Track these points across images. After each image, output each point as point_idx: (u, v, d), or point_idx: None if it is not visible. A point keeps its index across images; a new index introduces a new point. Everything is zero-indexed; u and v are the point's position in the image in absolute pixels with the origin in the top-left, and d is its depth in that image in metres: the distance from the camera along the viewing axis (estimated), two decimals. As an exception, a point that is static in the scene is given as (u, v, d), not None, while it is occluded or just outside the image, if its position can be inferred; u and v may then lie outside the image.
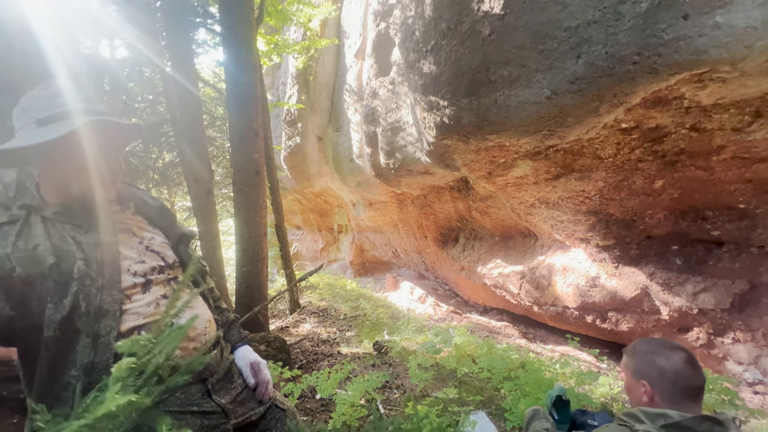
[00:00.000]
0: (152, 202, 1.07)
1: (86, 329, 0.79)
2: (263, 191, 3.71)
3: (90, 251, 0.84)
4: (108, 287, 0.83)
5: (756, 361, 2.97)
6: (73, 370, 0.77)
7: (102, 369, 0.78)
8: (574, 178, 3.40)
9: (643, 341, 1.04)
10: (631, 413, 0.95)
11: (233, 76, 3.35)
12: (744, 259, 2.98)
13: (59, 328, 0.76)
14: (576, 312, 4.17)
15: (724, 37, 1.76)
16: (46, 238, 0.81)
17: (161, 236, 1.03)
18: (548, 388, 1.98)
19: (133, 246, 0.94)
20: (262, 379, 1.07)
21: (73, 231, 0.85)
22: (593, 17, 2.18)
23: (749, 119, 2.29)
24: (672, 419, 0.86)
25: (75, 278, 0.79)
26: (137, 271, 0.91)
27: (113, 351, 0.79)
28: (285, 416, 1.09)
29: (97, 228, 0.88)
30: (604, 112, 2.52)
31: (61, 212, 0.86)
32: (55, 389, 0.77)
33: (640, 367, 0.99)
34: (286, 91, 8.83)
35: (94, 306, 0.80)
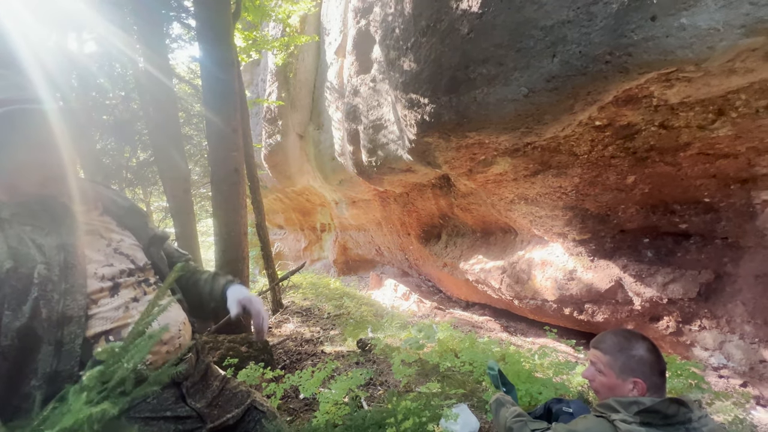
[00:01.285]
0: (122, 202, 1.02)
1: (48, 337, 0.74)
2: (243, 190, 3.64)
3: (52, 254, 0.79)
4: (72, 292, 0.78)
5: (720, 346, 3.14)
6: (34, 380, 0.73)
7: (66, 377, 0.74)
8: (551, 175, 3.49)
9: (614, 336, 1.06)
10: (605, 404, 0.99)
11: (210, 72, 3.26)
12: (709, 251, 3.14)
13: (18, 336, 0.72)
14: (554, 305, 4.29)
15: (689, 38, 1.84)
16: (2, 240, 0.75)
17: (131, 238, 0.99)
18: (527, 379, 2.04)
19: (100, 248, 0.89)
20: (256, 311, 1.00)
21: (33, 233, 0.79)
22: (567, 17, 2.23)
23: (713, 117, 2.40)
24: (644, 405, 0.91)
25: (35, 283, 0.74)
26: (104, 275, 0.86)
27: (78, 359, 0.76)
28: (265, 417, 1.05)
29: (59, 229, 0.82)
30: (579, 110, 2.59)
31: (19, 213, 0.80)
32: (14, 400, 0.72)
33: (630, 366, 1.00)
34: (266, 88, 8.68)
35: (57, 312, 0.75)
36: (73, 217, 0.87)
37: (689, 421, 0.88)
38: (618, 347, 1.04)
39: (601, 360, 1.07)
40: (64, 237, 0.82)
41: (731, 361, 3.04)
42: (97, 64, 5.16)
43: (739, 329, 3.00)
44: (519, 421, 1.16)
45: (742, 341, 2.98)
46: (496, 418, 1.28)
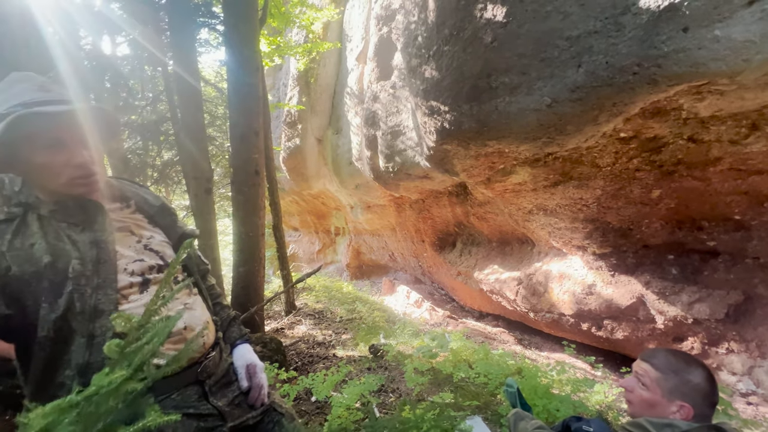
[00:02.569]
0: (153, 201, 1.06)
1: (81, 329, 0.77)
2: (262, 192, 3.71)
3: (85, 250, 0.82)
4: (103, 287, 0.81)
5: (749, 371, 2.99)
6: (67, 370, 0.76)
7: (97, 369, 0.75)
8: (572, 186, 3.42)
9: (671, 356, 1.01)
10: (637, 423, 0.95)
11: (236, 76, 3.35)
12: (739, 270, 3.01)
13: (53, 328, 0.75)
14: (572, 319, 4.18)
15: (722, 51, 1.79)
16: (41, 236, 0.79)
17: (161, 235, 1.02)
18: (545, 395, 1.99)
19: (130, 245, 0.92)
20: (256, 384, 1.04)
21: (68, 229, 0.83)
22: (594, 27, 2.21)
23: (746, 131, 2.32)
24: (680, 428, 0.87)
25: (70, 278, 0.77)
26: (134, 270, 0.89)
27: None
28: (283, 419, 1.06)
29: (92, 226, 0.85)
30: (604, 121, 2.54)
31: (56, 210, 0.84)
32: (50, 389, 0.76)
33: (682, 389, 0.96)
34: (287, 93, 8.85)
35: (89, 306, 0.78)
36: (105, 215, 0.89)
37: None
38: (673, 367, 0.99)
39: (650, 375, 1.02)
40: (97, 233, 0.85)
41: (761, 388, 2.89)
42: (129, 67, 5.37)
43: (770, 354, 2.86)
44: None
45: (774, 367, 2.83)
46: (514, 430, 1.25)
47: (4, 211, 0.79)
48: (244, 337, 1.13)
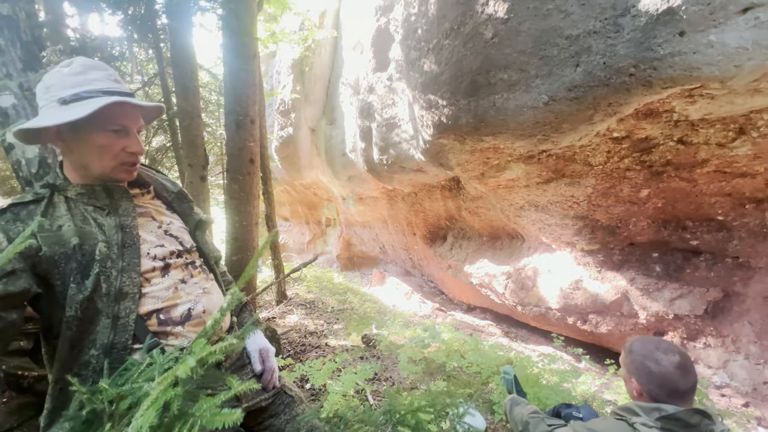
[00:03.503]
0: (171, 187, 1.07)
1: (106, 310, 0.79)
2: (257, 180, 3.67)
3: (111, 233, 0.84)
4: (128, 270, 0.83)
5: (724, 365, 3.14)
6: (93, 349, 0.78)
7: (121, 350, 0.79)
8: (564, 183, 3.49)
9: (640, 341, 1.08)
10: (627, 407, 1.01)
11: (232, 62, 3.30)
12: (719, 269, 3.14)
13: (81, 308, 0.77)
14: (558, 313, 4.30)
15: (716, 56, 1.85)
16: (69, 218, 0.82)
17: (179, 221, 1.04)
18: (535, 384, 2.06)
19: (152, 230, 0.94)
20: (269, 367, 1.07)
21: (94, 213, 0.85)
22: (594, 27, 2.24)
23: (733, 135, 2.40)
24: (667, 412, 0.93)
25: (96, 260, 0.80)
26: (156, 255, 0.91)
27: (132, 332, 0.81)
28: (293, 402, 1.10)
29: (118, 211, 0.88)
30: (598, 120, 2.60)
31: (83, 193, 0.86)
32: (74, 367, 0.78)
33: (632, 367, 1.05)
34: (281, 80, 8.72)
35: (115, 288, 0.80)
36: (129, 200, 0.92)
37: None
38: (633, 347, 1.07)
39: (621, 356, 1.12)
40: (122, 218, 0.88)
41: (734, 381, 3.04)
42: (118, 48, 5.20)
43: (745, 349, 3.00)
44: (536, 416, 1.19)
45: (747, 361, 2.98)
46: (510, 414, 1.30)
47: (32, 192, 0.82)
48: (255, 323, 1.16)
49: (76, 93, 0.80)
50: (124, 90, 0.86)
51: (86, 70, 0.84)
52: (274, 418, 1.07)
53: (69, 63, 0.85)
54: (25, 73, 1.71)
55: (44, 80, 0.83)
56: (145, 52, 5.11)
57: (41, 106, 0.82)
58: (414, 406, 1.06)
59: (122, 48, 5.11)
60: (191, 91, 3.44)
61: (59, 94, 0.80)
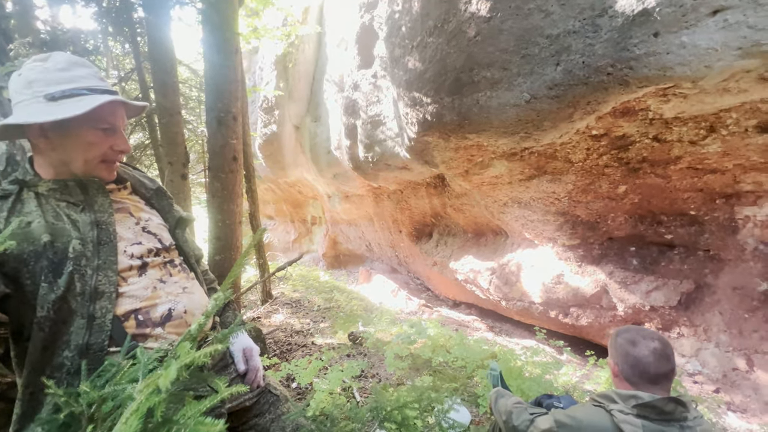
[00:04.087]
0: (150, 184, 1.05)
1: (81, 310, 0.77)
2: (240, 178, 3.61)
3: (86, 230, 0.81)
4: (104, 268, 0.81)
5: (697, 353, 3.28)
6: (66, 351, 0.75)
7: (97, 351, 0.77)
8: (546, 180, 3.57)
9: (629, 328, 1.14)
10: (605, 394, 1.05)
11: (213, 57, 3.22)
12: (692, 261, 3.27)
13: (53, 308, 0.74)
14: (541, 307, 4.40)
15: (688, 56, 1.92)
16: (39, 215, 0.78)
17: (158, 218, 1.01)
18: (518, 376, 2.11)
19: (129, 226, 0.92)
20: (253, 366, 1.06)
21: (68, 209, 0.82)
22: (573, 27, 2.29)
23: (704, 133, 2.50)
24: (643, 400, 0.97)
25: (70, 257, 0.77)
26: (133, 253, 0.88)
27: (108, 333, 0.78)
28: (278, 401, 1.09)
29: (93, 206, 0.85)
30: (578, 118, 2.66)
31: (55, 189, 0.83)
32: (47, 370, 0.75)
33: (612, 349, 1.12)
34: (264, 77, 8.58)
35: (90, 287, 0.78)
36: (105, 195, 0.89)
37: (684, 419, 0.94)
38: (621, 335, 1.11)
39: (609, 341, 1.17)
40: (98, 214, 0.85)
41: (706, 368, 3.18)
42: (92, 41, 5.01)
43: (715, 338, 3.14)
44: (519, 406, 1.22)
45: (717, 349, 3.12)
46: (495, 406, 1.33)
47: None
48: (241, 323, 1.14)
49: (64, 90, 0.78)
50: (109, 88, 0.86)
51: (71, 66, 0.82)
52: (258, 417, 1.06)
53: (46, 58, 0.82)
54: (-8, 66, 1.64)
55: (24, 75, 0.80)
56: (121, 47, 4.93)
57: (21, 101, 0.79)
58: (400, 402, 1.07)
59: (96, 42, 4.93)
60: (170, 86, 3.35)
61: (46, 89, 0.78)
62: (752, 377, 2.87)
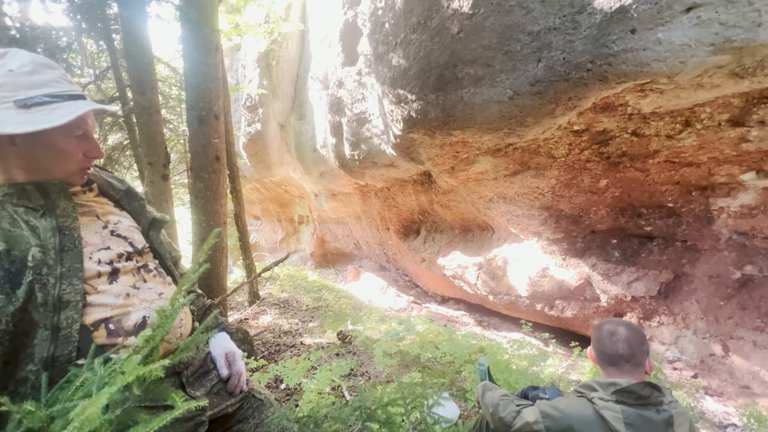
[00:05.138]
0: (119, 185, 1.00)
1: (44, 321, 0.73)
2: (223, 178, 3.55)
3: (47, 237, 0.77)
4: (68, 276, 0.77)
5: (676, 341, 3.39)
6: (30, 364, 0.72)
7: (64, 363, 0.73)
8: (530, 175, 3.62)
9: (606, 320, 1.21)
10: (586, 384, 1.09)
11: (193, 55, 3.15)
12: (670, 252, 3.37)
13: (12, 320, 0.70)
14: (527, 300, 4.47)
15: (663, 52, 1.97)
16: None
17: (129, 219, 0.97)
18: (505, 370, 2.14)
19: (96, 231, 0.87)
20: (236, 371, 1.03)
21: (26, 214, 0.77)
22: (554, 24, 2.32)
23: (680, 127, 2.58)
24: (620, 386, 1.01)
25: (29, 266, 0.72)
26: (101, 259, 0.84)
27: (76, 344, 0.75)
28: (262, 405, 1.07)
29: (54, 211, 0.80)
30: (560, 114, 2.71)
31: (11, 193, 0.78)
32: (9, 385, 0.71)
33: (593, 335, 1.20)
34: (247, 75, 8.44)
35: (53, 296, 0.74)
36: (68, 198, 0.84)
37: (660, 403, 0.99)
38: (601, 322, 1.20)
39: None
40: (60, 219, 0.80)
41: (684, 355, 3.29)
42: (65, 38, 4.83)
43: (693, 325, 3.26)
44: (505, 399, 1.24)
45: (695, 336, 3.23)
46: (482, 399, 1.35)
47: None
48: (221, 326, 1.11)
49: (34, 96, 0.75)
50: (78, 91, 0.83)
51: (38, 68, 0.78)
52: (242, 423, 1.03)
53: (3, 54, 0.77)
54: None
55: None
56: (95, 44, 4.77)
57: None
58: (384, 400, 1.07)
59: (69, 39, 4.76)
60: (148, 85, 3.26)
61: (15, 95, 0.74)
62: (728, 362, 2.99)
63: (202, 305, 1.12)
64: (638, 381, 1.01)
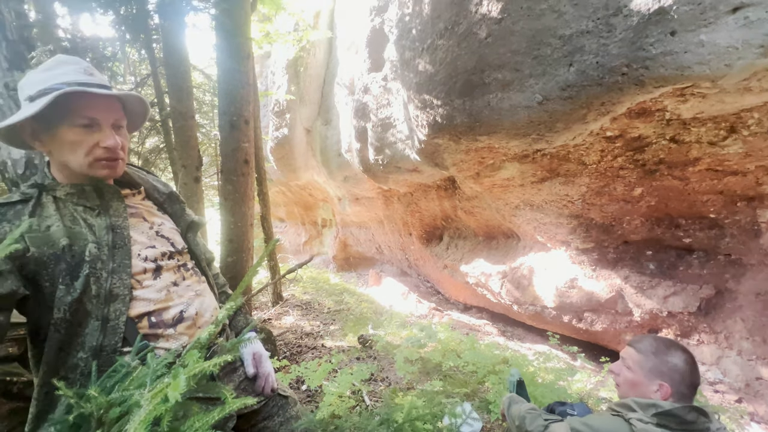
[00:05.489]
0: (163, 188, 1.06)
1: (96, 312, 0.78)
2: (251, 181, 3.65)
3: (101, 234, 0.83)
4: (118, 271, 0.82)
5: (717, 362, 3.17)
6: (81, 352, 0.77)
7: (110, 352, 0.78)
8: (558, 182, 3.51)
9: (653, 340, 1.08)
10: (623, 403, 1.01)
11: (226, 62, 3.28)
12: (711, 266, 3.17)
13: (69, 310, 0.75)
14: (554, 312, 4.32)
15: (707, 55, 1.87)
16: (58, 219, 0.80)
17: (170, 222, 1.03)
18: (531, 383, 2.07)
19: (143, 231, 0.93)
20: (263, 372, 1.06)
21: (84, 213, 0.84)
22: (587, 27, 2.26)
23: (724, 134, 2.43)
24: (663, 408, 0.93)
25: (86, 261, 0.78)
26: (147, 257, 0.90)
27: (122, 335, 0.79)
28: (287, 404, 1.09)
29: (108, 211, 0.87)
30: (592, 119, 2.61)
31: (73, 193, 0.85)
32: (61, 371, 0.76)
33: (660, 369, 1.02)
34: (275, 81, 8.68)
35: (105, 289, 0.79)
36: (120, 200, 0.90)
37: (707, 430, 0.90)
38: (653, 349, 1.06)
39: (633, 357, 1.09)
40: (113, 218, 0.86)
41: (727, 377, 3.07)
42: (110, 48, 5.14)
43: (737, 345, 3.03)
44: (533, 412, 1.19)
45: (740, 357, 3.01)
46: (508, 411, 1.31)
47: (19, 192, 0.80)
48: (250, 325, 1.15)
49: (41, 89, 0.78)
50: (95, 82, 0.83)
51: (57, 65, 0.82)
52: (267, 420, 1.06)
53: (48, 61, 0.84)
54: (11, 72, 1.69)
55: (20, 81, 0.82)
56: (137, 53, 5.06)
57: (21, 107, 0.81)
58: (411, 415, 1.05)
59: (114, 48, 5.06)
60: (184, 91, 3.42)
61: (28, 91, 0.79)
62: (777, 387, 2.76)
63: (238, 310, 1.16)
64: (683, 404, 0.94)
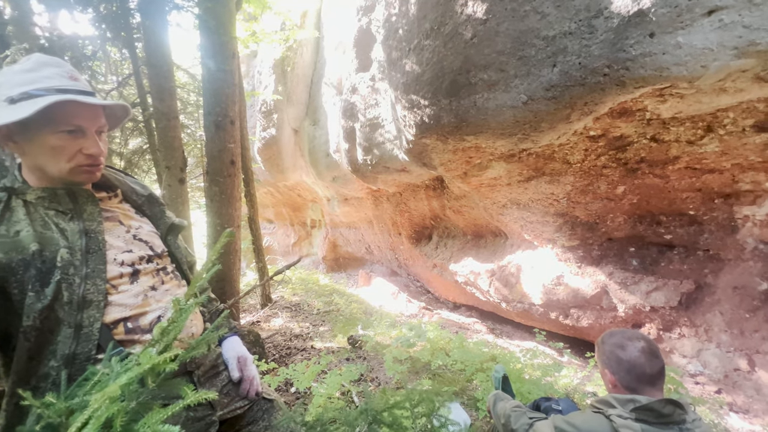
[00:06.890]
0: (141, 191, 1.04)
1: (68, 319, 0.76)
2: (238, 182, 3.61)
3: (74, 239, 0.80)
4: (92, 276, 0.80)
5: (698, 354, 3.26)
6: (52, 360, 0.74)
7: (84, 360, 0.76)
8: (544, 181, 3.56)
9: (610, 333, 1.13)
10: (603, 400, 1.04)
11: (211, 61, 3.23)
12: (691, 261, 3.26)
13: (39, 317, 0.73)
14: (541, 309, 4.38)
15: (684, 56, 1.92)
16: (28, 223, 0.77)
17: (149, 225, 1.00)
18: (518, 379, 2.09)
19: (119, 235, 0.91)
20: (247, 375, 1.04)
21: (56, 217, 0.81)
22: (569, 29, 2.30)
23: (701, 133, 2.50)
24: (640, 403, 0.96)
25: (58, 266, 0.76)
26: (124, 261, 0.88)
27: (96, 342, 0.77)
28: (272, 407, 1.08)
29: (82, 215, 0.84)
30: (575, 119, 2.66)
31: (44, 197, 0.82)
32: (32, 380, 0.74)
33: (603, 357, 1.10)
34: (262, 81, 8.60)
35: (78, 296, 0.77)
36: (94, 203, 0.88)
37: (683, 422, 0.94)
38: (601, 340, 1.12)
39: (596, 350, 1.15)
40: (86, 223, 0.84)
41: (707, 369, 3.16)
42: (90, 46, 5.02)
43: (716, 338, 3.13)
44: (518, 410, 1.21)
45: (719, 350, 3.10)
46: (493, 409, 1.32)
47: None
48: (233, 329, 1.13)
49: (24, 91, 0.75)
50: (80, 88, 0.81)
51: (39, 66, 0.79)
52: (252, 425, 1.04)
53: (24, 60, 0.80)
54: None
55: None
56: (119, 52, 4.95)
57: None
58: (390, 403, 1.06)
59: (95, 47, 4.94)
60: (167, 91, 3.36)
61: (8, 92, 0.76)
62: (754, 377, 2.86)
63: (215, 309, 1.14)
64: (659, 397, 0.97)
